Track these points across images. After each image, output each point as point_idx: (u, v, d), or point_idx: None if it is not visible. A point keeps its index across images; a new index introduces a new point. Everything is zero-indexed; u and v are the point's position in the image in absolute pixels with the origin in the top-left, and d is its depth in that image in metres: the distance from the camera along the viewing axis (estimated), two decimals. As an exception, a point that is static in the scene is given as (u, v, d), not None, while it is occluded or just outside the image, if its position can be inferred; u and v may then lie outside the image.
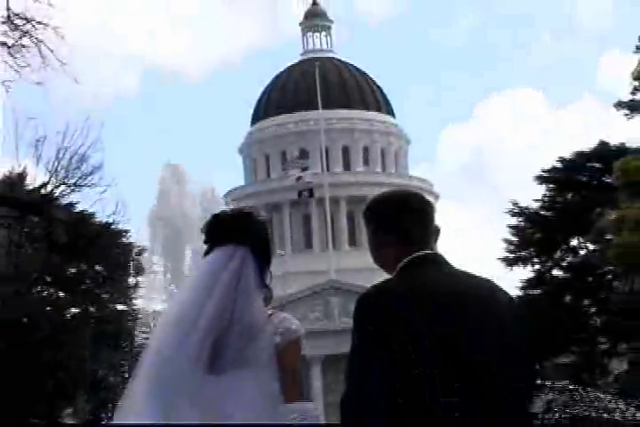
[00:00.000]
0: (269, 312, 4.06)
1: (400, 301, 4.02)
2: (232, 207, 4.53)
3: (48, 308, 47.29)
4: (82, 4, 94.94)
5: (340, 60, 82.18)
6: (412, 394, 3.92)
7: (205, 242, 4.14)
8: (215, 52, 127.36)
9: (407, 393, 3.91)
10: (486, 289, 4.22)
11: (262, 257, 4.13)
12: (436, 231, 4.31)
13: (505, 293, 4.30)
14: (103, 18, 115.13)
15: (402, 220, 4.25)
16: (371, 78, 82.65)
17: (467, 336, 4.01)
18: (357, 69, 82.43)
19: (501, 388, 4.05)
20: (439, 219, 4.37)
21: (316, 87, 73.51)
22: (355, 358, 4.00)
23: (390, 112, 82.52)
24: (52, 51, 27.64)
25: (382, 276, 4.23)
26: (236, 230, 4.12)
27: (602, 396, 12.97)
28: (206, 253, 4.11)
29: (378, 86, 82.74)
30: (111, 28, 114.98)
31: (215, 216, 4.24)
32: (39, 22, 27.99)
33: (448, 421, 3.91)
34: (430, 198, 4.87)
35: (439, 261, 4.21)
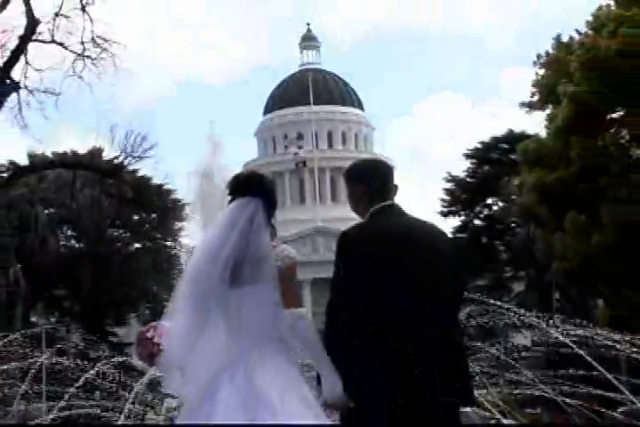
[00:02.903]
0: (274, 244, 4.03)
1: (370, 235, 4.04)
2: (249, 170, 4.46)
3: (119, 244, 47.39)
4: (142, 31, 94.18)
5: (325, 71, 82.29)
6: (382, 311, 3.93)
7: (229, 194, 4.10)
8: (234, 64, 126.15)
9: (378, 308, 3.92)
10: (431, 228, 4.25)
11: (269, 206, 4.10)
12: (395, 188, 4.30)
13: (444, 232, 4.36)
14: (157, 40, 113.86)
15: (372, 179, 4.23)
16: (347, 83, 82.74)
17: (416, 260, 4.02)
18: (338, 77, 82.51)
19: (437, 296, 4.02)
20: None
21: (309, 89, 73.94)
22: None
23: (361, 107, 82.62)
24: (120, 62, 27.53)
25: (356, 222, 4.23)
26: (251, 187, 4.09)
27: (507, 306, 13.11)
28: (229, 202, 4.08)
29: (352, 89, 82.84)
30: (160, 48, 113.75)
31: (236, 176, 4.21)
32: (114, 42, 27.87)
33: (400, 324, 3.87)
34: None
35: (397, 210, 4.21)
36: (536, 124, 39.17)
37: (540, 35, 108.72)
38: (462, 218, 48.08)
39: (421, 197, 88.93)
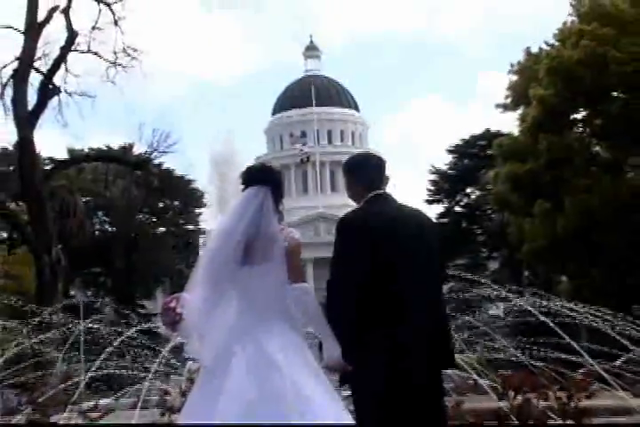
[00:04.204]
0: (281, 227, 4.00)
1: (366, 220, 4.00)
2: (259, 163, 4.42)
3: (146, 227, 47.36)
4: (161, 40, 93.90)
5: (326, 77, 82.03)
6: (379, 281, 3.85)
7: (242, 184, 4.07)
8: (243, 70, 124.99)
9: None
10: (418, 214, 4.24)
11: (277, 194, 4.07)
12: (387, 179, 4.28)
13: (429, 217, 4.35)
14: (173, 46, 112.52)
15: (367, 171, 4.20)
16: (344, 87, 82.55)
17: (407, 238, 3.99)
18: (337, 82, 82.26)
19: (428, 270, 4.01)
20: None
21: (312, 93, 73.82)
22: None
23: (357, 108, 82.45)
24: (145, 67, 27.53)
25: (353, 208, 4.20)
26: (262, 176, 4.05)
27: (486, 282, 13.02)
28: (242, 190, 4.05)
29: (349, 92, 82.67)
30: (173, 52, 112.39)
31: (249, 168, 4.17)
32: (141, 51, 27.93)
33: (401, 303, 3.81)
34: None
35: (389, 197, 4.19)
36: (510, 123, 39.20)
37: (513, 45, 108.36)
38: (445, 205, 48.09)
39: (410, 188, 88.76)
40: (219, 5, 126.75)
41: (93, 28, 27.23)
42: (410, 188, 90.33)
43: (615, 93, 31.12)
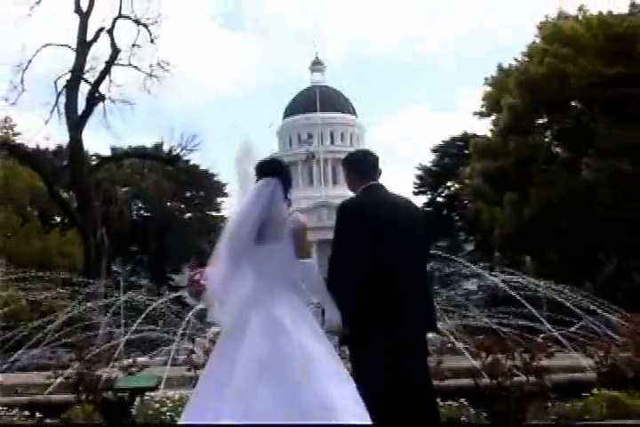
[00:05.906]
0: (290, 212, 3.98)
1: (362, 205, 3.99)
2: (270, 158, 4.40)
3: (176, 213, 47.34)
4: (186, 54, 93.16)
5: (329, 87, 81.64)
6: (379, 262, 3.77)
7: (256, 175, 4.04)
8: (255, 80, 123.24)
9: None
10: (407, 202, 4.21)
11: (286, 184, 4.04)
12: (380, 172, 4.25)
13: (416, 205, 4.35)
14: (195, 60, 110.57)
15: (363, 165, 4.16)
16: (345, 96, 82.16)
17: (397, 223, 3.97)
18: (338, 91, 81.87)
19: (417, 247, 3.99)
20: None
21: (317, 101, 73.67)
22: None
23: (355, 114, 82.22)
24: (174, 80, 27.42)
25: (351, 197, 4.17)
26: (272, 169, 4.03)
27: (463, 261, 12.79)
28: (256, 181, 4.02)
29: (348, 100, 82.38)
30: (196, 65, 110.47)
31: (261, 162, 4.14)
32: (174, 65, 28.01)
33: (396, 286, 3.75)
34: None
35: (382, 187, 4.17)
36: (484, 127, 38.96)
37: (487, 61, 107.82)
38: (429, 196, 47.99)
39: (400, 181, 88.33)
40: (236, 26, 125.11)
41: (133, 45, 27.35)
42: (398, 181, 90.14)
43: (573, 103, 31.13)
